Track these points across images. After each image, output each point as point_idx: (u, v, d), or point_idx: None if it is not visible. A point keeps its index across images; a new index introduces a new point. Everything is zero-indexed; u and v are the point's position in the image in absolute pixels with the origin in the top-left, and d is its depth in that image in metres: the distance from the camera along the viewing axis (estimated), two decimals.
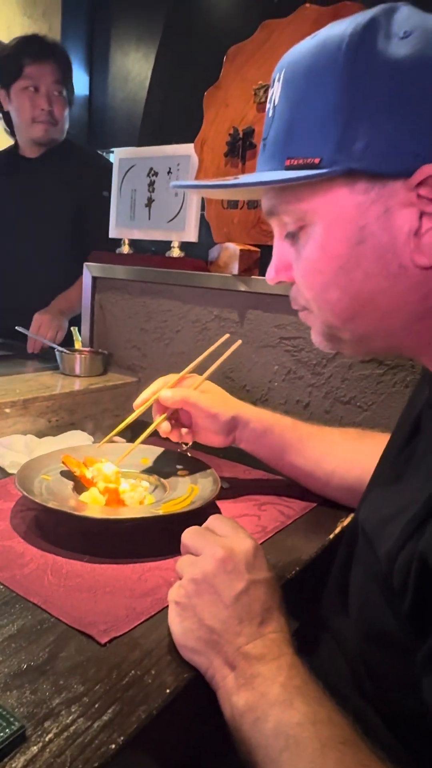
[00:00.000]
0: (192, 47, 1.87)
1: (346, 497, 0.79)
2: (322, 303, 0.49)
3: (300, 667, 0.46)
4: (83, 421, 1.13)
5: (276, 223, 0.52)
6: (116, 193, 1.28)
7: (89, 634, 0.51)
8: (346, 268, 0.46)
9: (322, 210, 0.46)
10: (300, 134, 0.45)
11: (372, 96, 0.42)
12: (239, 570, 0.50)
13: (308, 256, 0.48)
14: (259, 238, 1.08)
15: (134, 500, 0.75)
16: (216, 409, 0.79)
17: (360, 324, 0.48)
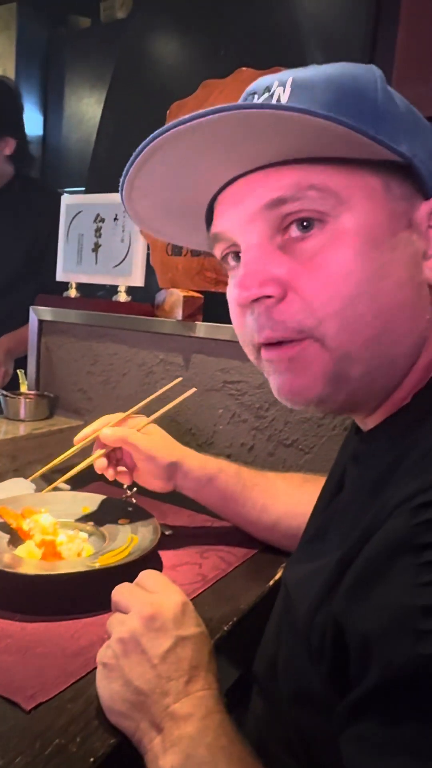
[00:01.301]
0: (138, 99, 1.93)
1: (291, 544, 0.77)
2: (348, 319, 0.41)
3: (227, 726, 0.46)
4: (27, 467, 1.11)
5: (266, 226, 0.43)
6: (63, 238, 1.29)
7: (14, 700, 0.50)
8: (380, 274, 0.41)
9: (357, 199, 0.41)
10: (346, 114, 0.39)
11: (402, 114, 0.44)
12: (166, 627, 0.49)
13: (337, 257, 0.41)
14: (203, 284, 1.11)
15: (72, 552, 0.73)
16: (155, 452, 0.78)
17: (376, 348, 0.43)
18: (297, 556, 0.53)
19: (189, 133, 0.40)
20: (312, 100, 0.42)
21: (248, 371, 1.04)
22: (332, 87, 0.43)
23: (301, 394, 0.45)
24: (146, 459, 0.78)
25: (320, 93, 0.42)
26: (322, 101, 0.42)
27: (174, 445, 0.82)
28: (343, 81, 0.43)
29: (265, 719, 0.53)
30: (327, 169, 0.41)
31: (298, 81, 0.44)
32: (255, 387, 1.03)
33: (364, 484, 0.45)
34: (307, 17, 1.60)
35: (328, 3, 1.60)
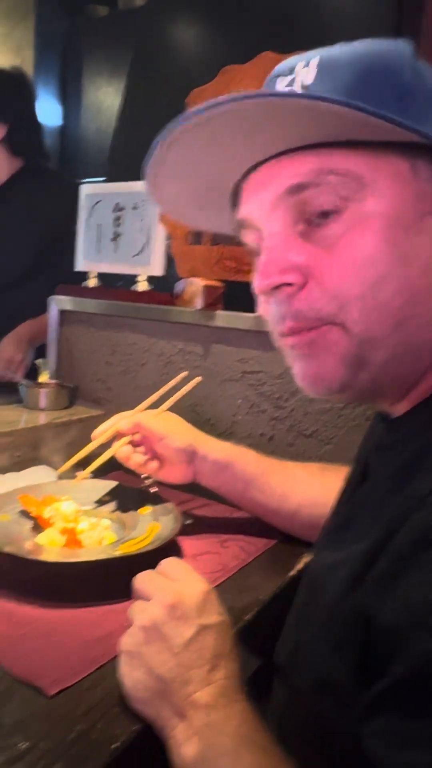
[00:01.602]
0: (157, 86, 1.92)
1: (311, 534, 0.77)
2: (371, 303, 0.41)
3: (249, 715, 0.46)
4: (47, 456, 1.11)
5: (287, 214, 0.43)
6: (83, 228, 1.29)
7: (37, 685, 0.50)
8: (406, 258, 0.40)
9: (382, 182, 0.40)
10: (370, 96, 0.39)
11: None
12: (189, 615, 0.49)
13: (360, 242, 0.40)
14: (222, 273, 1.10)
15: (93, 540, 0.74)
16: (170, 433, 0.79)
17: (402, 333, 0.42)
18: (322, 545, 0.53)
19: (211, 119, 0.40)
20: (335, 81, 0.41)
21: (268, 361, 1.03)
22: (357, 67, 0.42)
23: (322, 380, 0.44)
24: (162, 441, 0.79)
25: (344, 73, 0.41)
26: (346, 83, 0.41)
27: (190, 429, 0.83)
28: (369, 60, 0.42)
29: (286, 709, 0.53)
30: (348, 153, 0.40)
31: (324, 61, 0.43)
32: (274, 377, 1.02)
33: (390, 474, 0.44)
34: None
35: None
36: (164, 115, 1.27)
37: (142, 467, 0.81)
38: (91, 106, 2.75)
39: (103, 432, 0.81)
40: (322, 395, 0.46)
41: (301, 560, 0.78)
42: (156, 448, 0.80)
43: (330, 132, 0.40)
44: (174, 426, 0.81)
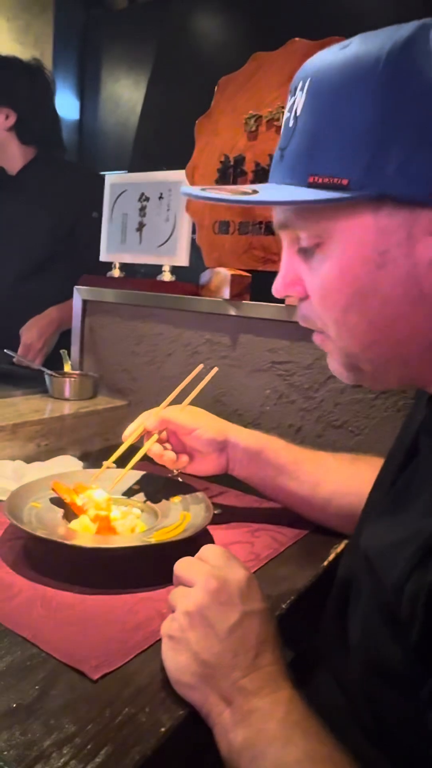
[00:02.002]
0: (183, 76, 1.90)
1: (343, 524, 0.77)
2: (342, 326, 0.47)
3: (298, 701, 0.45)
4: (73, 445, 1.11)
5: (287, 236, 0.50)
6: (107, 218, 1.29)
7: (81, 670, 0.50)
8: (364, 292, 0.45)
9: (342, 231, 0.45)
10: (327, 152, 0.44)
11: (408, 119, 0.41)
12: (233, 601, 0.49)
13: (325, 275, 0.46)
14: (250, 263, 1.09)
15: (126, 528, 0.73)
16: (198, 424, 0.79)
17: (378, 351, 0.47)
18: (374, 525, 0.52)
19: None
20: (312, 124, 0.45)
21: (297, 351, 1.02)
22: (327, 117, 0.44)
23: (340, 375, 0.52)
24: (192, 433, 0.78)
25: (319, 117, 0.44)
26: (317, 133, 0.44)
27: (218, 419, 0.83)
28: (344, 89, 0.43)
29: (331, 696, 0.52)
30: (317, 210, 0.45)
31: (313, 88, 0.45)
32: (304, 367, 1.01)
33: None
34: None
35: None
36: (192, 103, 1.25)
37: (176, 463, 0.80)
38: (109, 98, 2.74)
39: (133, 432, 0.81)
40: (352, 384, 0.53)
41: (334, 551, 0.77)
42: (186, 441, 0.80)
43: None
44: (202, 418, 0.81)
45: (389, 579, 0.42)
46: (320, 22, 1.48)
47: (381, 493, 0.57)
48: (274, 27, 1.58)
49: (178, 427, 0.79)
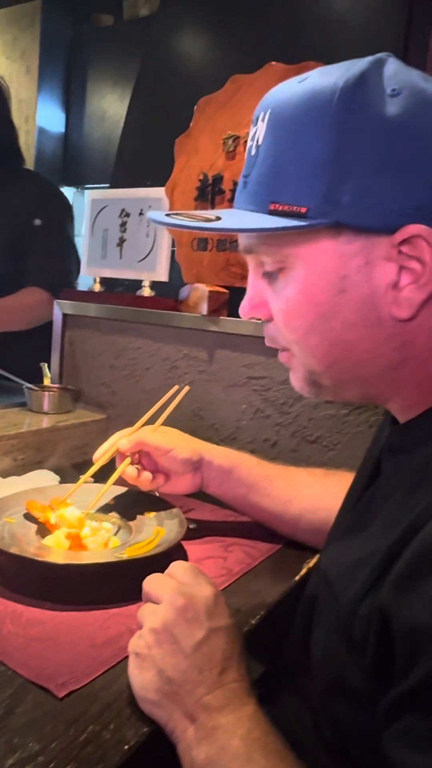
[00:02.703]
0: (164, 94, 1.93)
1: (314, 539, 0.78)
2: (304, 346, 0.49)
3: (261, 718, 0.46)
4: (50, 459, 1.11)
5: (252, 260, 0.51)
6: (88, 232, 1.30)
7: (47, 687, 0.50)
8: (327, 315, 0.46)
9: (304, 256, 0.46)
10: (286, 180, 0.45)
11: (362, 153, 0.42)
12: (199, 618, 0.49)
13: (289, 299, 0.48)
14: (228, 279, 1.10)
15: (98, 544, 0.74)
16: (172, 445, 0.79)
17: (339, 370, 0.49)
18: (335, 546, 0.53)
19: None
20: (272, 152, 0.46)
21: (272, 367, 1.03)
22: (286, 147, 0.45)
23: (301, 390, 0.53)
24: (167, 454, 0.79)
25: (279, 147, 0.46)
26: (276, 163, 0.46)
27: (191, 439, 0.83)
28: (299, 121, 0.44)
29: (296, 712, 0.53)
30: (279, 236, 0.47)
31: (273, 119, 0.46)
32: (279, 383, 1.03)
33: (404, 475, 0.44)
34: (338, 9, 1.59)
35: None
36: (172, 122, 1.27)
37: (151, 483, 0.81)
38: (95, 113, 2.77)
39: (104, 453, 0.81)
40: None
41: (306, 565, 0.78)
42: (161, 462, 0.80)
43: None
44: (176, 438, 0.81)
45: (345, 599, 0.43)
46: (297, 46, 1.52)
47: (346, 511, 0.58)
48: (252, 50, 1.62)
49: (153, 449, 0.79)
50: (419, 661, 0.33)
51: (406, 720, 0.34)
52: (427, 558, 0.35)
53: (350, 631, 0.42)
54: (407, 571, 0.37)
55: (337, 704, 0.45)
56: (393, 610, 0.37)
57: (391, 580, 0.38)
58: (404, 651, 0.35)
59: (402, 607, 0.36)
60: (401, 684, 0.35)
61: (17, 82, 2.83)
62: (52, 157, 2.88)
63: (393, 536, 0.40)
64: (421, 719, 0.33)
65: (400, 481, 0.45)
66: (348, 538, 0.51)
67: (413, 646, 0.34)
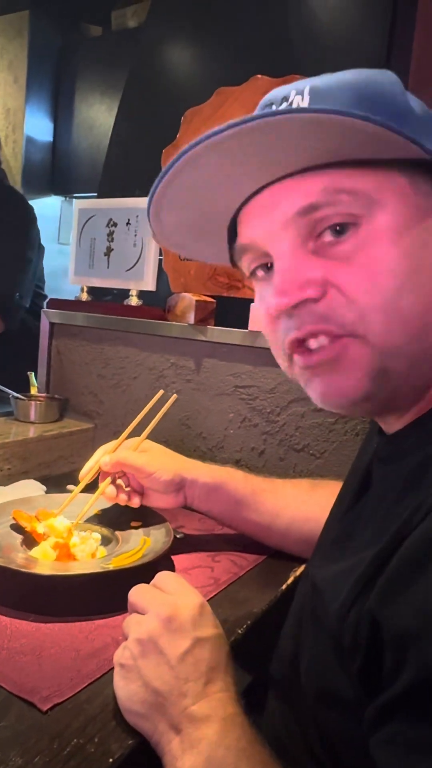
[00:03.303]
0: (152, 105, 1.95)
1: (303, 549, 0.78)
2: (392, 313, 0.42)
3: (246, 728, 0.46)
4: (37, 469, 1.11)
5: (298, 232, 0.44)
6: (76, 242, 1.30)
7: (30, 701, 0.50)
8: (419, 269, 0.42)
9: (389, 199, 0.42)
10: (375, 103, 0.42)
11: (425, 117, 0.44)
12: (184, 628, 0.49)
13: (376, 254, 0.42)
14: (215, 289, 1.11)
15: (86, 554, 0.73)
16: (153, 467, 0.77)
17: (421, 340, 0.43)
18: (324, 557, 0.53)
19: (219, 144, 0.40)
20: (334, 104, 0.42)
21: (260, 376, 1.04)
22: (351, 91, 0.43)
23: (348, 394, 0.44)
24: (149, 476, 0.77)
25: (339, 97, 0.43)
26: (345, 104, 0.42)
27: (175, 458, 0.82)
28: (362, 85, 0.44)
29: (284, 721, 0.53)
30: (356, 172, 0.42)
31: (316, 89, 0.44)
32: (266, 391, 1.03)
33: (395, 484, 0.44)
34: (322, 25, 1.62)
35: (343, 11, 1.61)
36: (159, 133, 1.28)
37: (130, 502, 0.80)
38: (83, 122, 2.78)
39: (89, 471, 0.80)
40: (341, 410, 0.46)
41: (293, 574, 0.78)
42: (144, 483, 0.79)
43: (338, 151, 0.41)
44: (159, 459, 0.80)
45: (333, 607, 0.43)
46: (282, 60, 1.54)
47: (335, 521, 0.57)
48: (238, 63, 1.64)
49: (135, 470, 0.78)
50: (407, 667, 0.33)
51: (393, 726, 0.34)
52: (414, 563, 0.35)
53: (339, 638, 0.42)
54: (395, 577, 0.37)
55: (325, 713, 0.45)
56: (381, 616, 0.37)
57: (379, 586, 0.38)
58: (392, 656, 0.35)
59: (390, 613, 0.36)
60: (389, 689, 0.35)
61: (5, 91, 2.83)
62: (40, 166, 2.88)
63: (382, 543, 0.40)
64: (409, 725, 0.33)
65: (389, 490, 0.45)
66: (337, 548, 0.50)
67: (401, 651, 0.34)
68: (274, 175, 0.44)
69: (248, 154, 0.42)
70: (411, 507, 0.39)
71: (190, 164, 0.43)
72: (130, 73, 2.08)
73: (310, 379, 0.46)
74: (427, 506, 0.37)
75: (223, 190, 0.46)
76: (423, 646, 0.33)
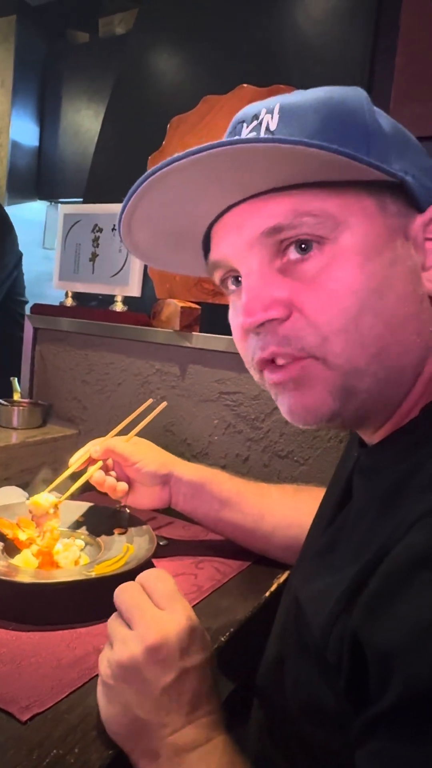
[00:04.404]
0: (138, 112, 1.95)
1: (287, 555, 0.78)
2: (352, 335, 0.42)
3: (227, 748, 0.45)
4: (20, 475, 1.10)
5: (265, 252, 0.44)
6: (60, 247, 1.29)
7: (9, 711, 0.49)
8: (381, 289, 0.42)
9: (354, 222, 0.42)
10: (341, 131, 0.42)
11: (406, 137, 0.45)
12: (171, 659, 0.47)
13: (336, 275, 0.42)
14: (200, 296, 1.11)
15: (69, 561, 0.73)
16: (138, 457, 0.78)
17: (384, 361, 0.43)
18: (306, 570, 0.52)
19: (185, 167, 0.41)
20: (301, 126, 0.43)
21: (244, 382, 1.04)
22: (321, 112, 0.43)
23: (313, 411, 0.44)
24: (133, 465, 0.78)
25: (309, 118, 0.43)
26: (312, 127, 0.42)
27: (162, 453, 0.83)
28: (331, 104, 0.44)
29: (268, 730, 0.52)
30: (321, 193, 0.42)
31: (286, 107, 0.44)
32: (251, 398, 1.03)
33: (376, 497, 0.44)
34: (307, 37, 1.64)
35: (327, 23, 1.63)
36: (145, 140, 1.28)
37: (115, 491, 0.80)
38: (69, 128, 2.78)
39: (78, 459, 0.81)
40: (309, 425, 0.46)
41: (276, 581, 0.78)
42: (129, 472, 0.80)
43: (304, 174, 0.41)
44: (146, 451, 0.81)
45: (316, 624, 0.42)
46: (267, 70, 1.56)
47: (317, 533, 0.57)
48: (224, 72, 1.65)
49: (121, 458, 0.79)
50: (392, 684, 0.33)
51: (379, 742, 0.34)
52: (396, 580, 0.35)
53: (323, 655, 0.41)
54: (377, 594, 0.36)
55: (309, 725, 0.44)
56: (364, 634, 0.36)
57: (362, 603, 0.37)
58: (377, 674, 0.34)
59: (373, 631, 0.35)
60: (374, 706, 0.34)
61: None
62: (26, 170, 2.87)
63: (364, 559, 0.39)
64: (394, 742, 0.33)
65: (370, 504, 0.45)
66: (319, 562, 0.50)
67: (386, 668, 0.33)
68: (240, 196, 0.44)
69: (211, 179, 0.42)
70: (390, 526, 0.39)
71: (159, 182, 0.43)
72: (117, 80, 2.09)
73: (278, 393, 0.47)
74: (407, 523, 0.37)
75: (192, 208, 0.47)
76: (407, 664, 0.32)
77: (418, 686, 0.32)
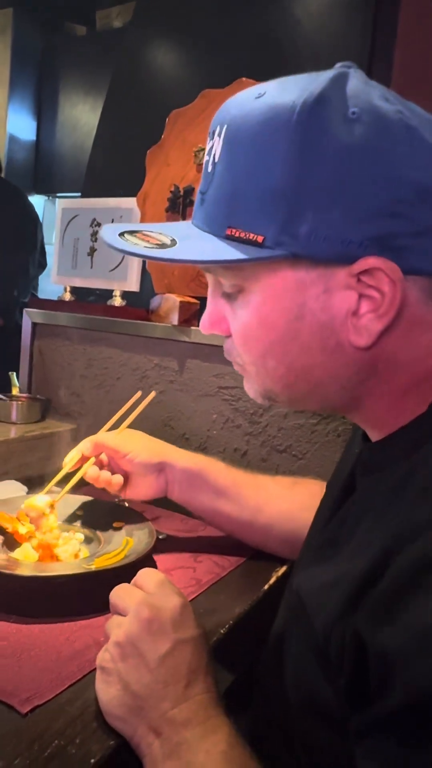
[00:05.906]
0: (136, 106, 1.95)
1: (285, 549, 0.78)
2: (261, 369, 0.48)
3: (227, 731, 0.46)
4: (19, 470, 1.10)
5: (211, 278, 0.50)
6: (59, 242, 1.29)
7: (10, 703, 0.49)
8: (283, 340, 0.45)
9: (261, 282, 0.45)
10: (244, 205, 0.43)
11: (320, 182, 0.40)
12: (165, 630, 0.49)
13: (246, 322, 0.47)
14: (199, 290, 1.11)
15: (68, 554, 0.73)
16: (129, 448, 0.78)
17: (296, 390, 0.48)
18: (308, 564, 0.52)
19: None
20: (228, 175, 0.44)
21: (242, 377, 1.04)
22: (239, 166, 0.43)
23: (255, 399, 0.53)
24: (125, 457, 0.78)
25: (238, 163, 0.44)
26: (230, 186, 0.44)
27: (156, 442, 0.82)
28: (257, 145, 0.42)
29: (267, 721, 0.53)
30: (228, 272, 0.47)
31: (230, 136, 0.44)
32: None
33: (379, 495, 0.44)
34: (305, 30, 1.63)
35: (326, 16, 1.63)
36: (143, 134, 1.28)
37: (111, 485, 0.80)
38: (66, 122, 2.77)
39: (71, 459, 0.80)
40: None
41: (275, 575, 0.78)
42: (122, 464, 0.79)
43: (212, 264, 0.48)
44: (136, 441, 0.81)
45: (319, 621, 0.43)
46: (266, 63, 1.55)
47: (318, 529, 0.57)
48: (223, 66, 1.64)
49: (112, 451, 0.79)
50: (394, 687, 0.33)
51: (378, 743, 0.34)
52: (403, 584, 0.35)
53: (324, 653, 0.41)
54: (383, 597, 0.36)
55: (309, 723, 0.44)
56: (368, 636, 0.36)
57: (367, 606, 0.37)
58: (379, 676, 0.35)
59: (378, 632, 0.36)
60: (376, 707, 0.35)
61: None
62: (23, 164, 2.87)
63: (366, 559, 0.39)
64: (395, 744, 0.33)
65: (373, 501, 0.45)
66: (321, 558, 0.50)
67: (388, 672, 0.34)
68: None
69: None
70: (394, 523, 0.39)
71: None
72: (115, 73, 2.08)
73: None
74: (413, 526, 0.37)
75: None
76: (410, 670, 0.33)
77: (419, 692, 0.32)
